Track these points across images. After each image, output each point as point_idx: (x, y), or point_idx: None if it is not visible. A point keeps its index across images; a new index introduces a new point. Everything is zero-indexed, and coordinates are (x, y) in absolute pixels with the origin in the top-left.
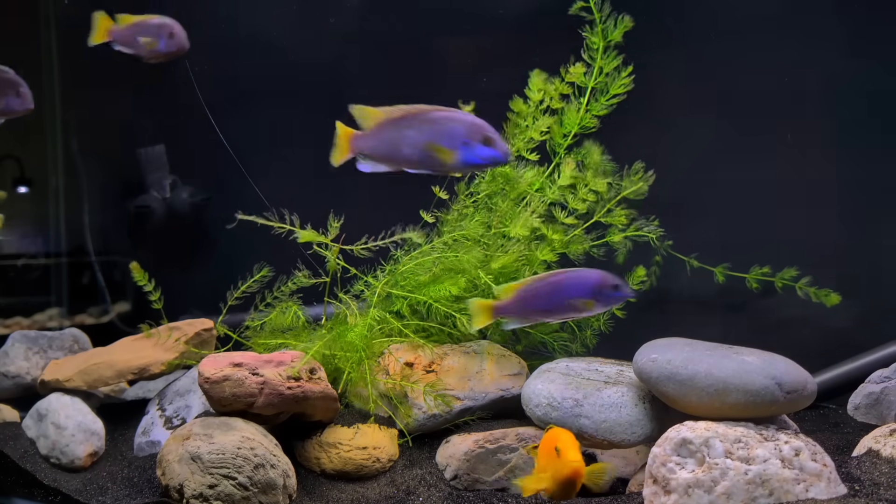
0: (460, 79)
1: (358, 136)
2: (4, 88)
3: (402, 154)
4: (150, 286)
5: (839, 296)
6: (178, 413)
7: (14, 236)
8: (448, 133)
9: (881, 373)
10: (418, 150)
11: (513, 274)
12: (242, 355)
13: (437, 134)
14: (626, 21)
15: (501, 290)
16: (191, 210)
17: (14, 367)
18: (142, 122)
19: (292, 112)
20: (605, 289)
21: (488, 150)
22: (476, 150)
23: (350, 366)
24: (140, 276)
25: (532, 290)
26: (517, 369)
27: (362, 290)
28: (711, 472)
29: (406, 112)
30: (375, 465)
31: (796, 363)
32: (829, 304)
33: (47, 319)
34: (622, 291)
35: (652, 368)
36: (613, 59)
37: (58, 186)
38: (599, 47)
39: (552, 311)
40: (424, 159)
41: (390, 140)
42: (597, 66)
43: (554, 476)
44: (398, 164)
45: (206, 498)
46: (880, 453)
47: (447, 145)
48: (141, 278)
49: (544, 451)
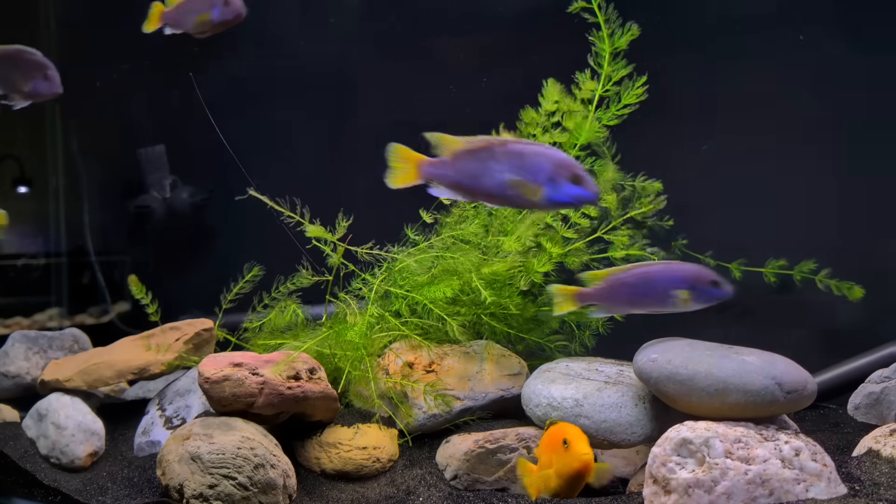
0: (461, 78)
1: (431, 163)
2: (32, 71)
3: (481, 186)
4: (147, 299)
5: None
6: (178, 413)
7: (14, 236)
8: (534, 168)
9: (881, 373)
10: (501, 183)
11: (508, 281)
12: (242, 355)
13: (521, 169)
14: (634, 30)
15: (589, 277)
16: (191, 210)
17: (14, 367)
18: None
19: (292, 112)
20: (702, 284)
21: (576, 188)
22: (563, 189)
23: (350, 364)
24: (138, 290)
25: (622, 278)
26: (517, 369)
27: (360, 287)
28: (711, 472)
29: (489, 143)
30: (375, 465)
31: (796, 363)
32: (853, 297)
33: (47, 319)
34: (721, 289)
35: (652, 368)
36: (623, 68)
37: (58, 186)
38: (606, 53)
39: (642, 301)
40: (506, 194)
41: (469, 171)
42: (604, 73)
43: (561, 470)
44: (476, 196)
45: (206, 498)
46: (880, 453)
47: (532, 181)
48: (138, 292)
49: (549, 445)
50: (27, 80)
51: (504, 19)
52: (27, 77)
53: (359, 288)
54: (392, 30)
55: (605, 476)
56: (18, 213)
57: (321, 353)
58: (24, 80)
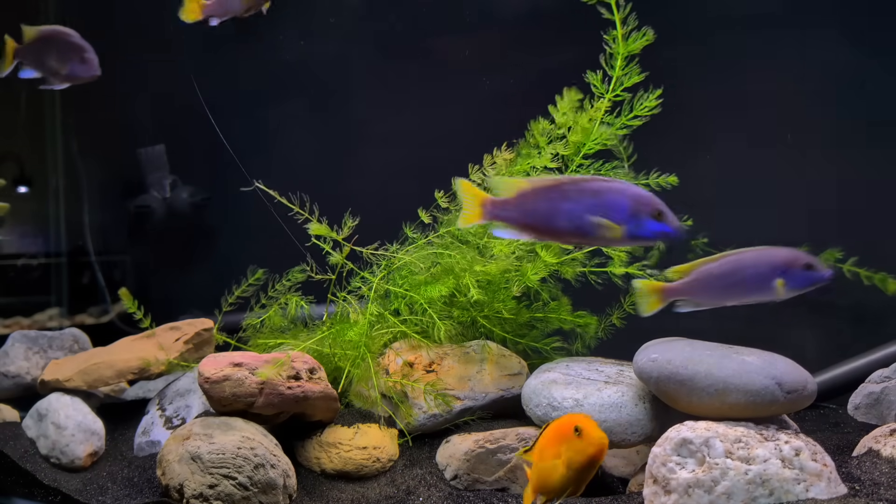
0: (461, 78)
1: (495, 202)
2: (68, 53)
3: (555, 226)
4: (140, 313)
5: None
6: (178, 413)
7: (14, 236)
8: (614, 206)
9: (881, 373)
10: (578, 223)
11: (503, 285)
12: (242, 355)
13: (600, 207)
14: (649, 35)
15: (674, 272)
16: (191, 210)
17: (14, 367)
18: (143, 122)
19: (292, 112)
20: (795, 268)
21: (659, 225)
22: (646, 226)
23: (351, 363)
24: (129, 303)
25: (711, 269)
26: (517, 369)
27: (359, 286)
28: (711, 472)
29: (558, 182)
30: (375, 464)
31: (796, 363)
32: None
33: (47, 319)
34: (818, 272)
35: (652, 368)
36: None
37: (58, 186)
38: (620, 56)
39: (733, 292)
40: (584, 233)
41: (540, 211)
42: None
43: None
44: (546, 236)
45: (206, 498)
46: (880, 453)
47: (613, 219)
48: (131, 305)
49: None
50: (64, 63)
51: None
52: (64, 59)
53: (358, 287)
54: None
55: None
56: (18, 213)
57: (321, 353)
58: (60, 63)
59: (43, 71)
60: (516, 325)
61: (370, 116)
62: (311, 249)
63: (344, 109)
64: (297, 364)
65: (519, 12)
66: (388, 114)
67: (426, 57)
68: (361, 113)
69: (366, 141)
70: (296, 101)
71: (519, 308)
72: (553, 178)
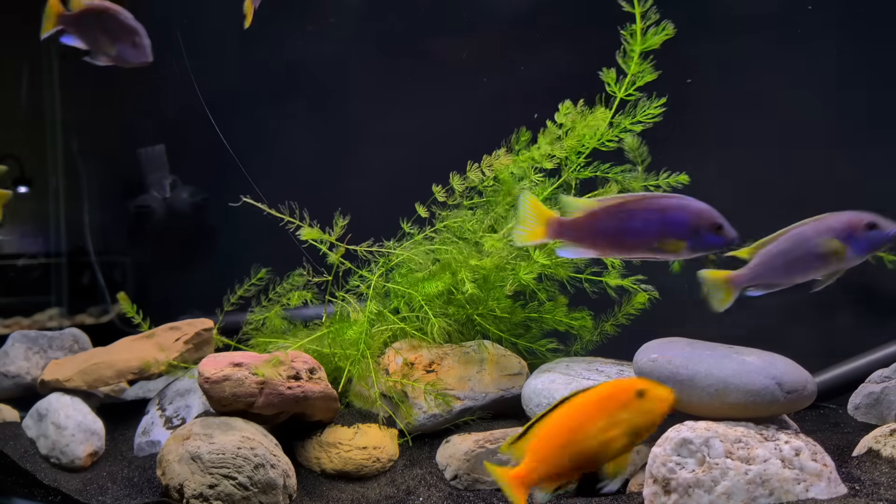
0: (461, 77)
1: (563, 223)
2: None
3: (621, 244)
4: (139, 318)
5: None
6: (178, 413)
7: (14, 236)
8: (676, 223)
9: (881, 373)
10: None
11: (499, 282)
12: (242, 355)
13: (663, 224)
14: (669, 29)
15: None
16: (191, 210)
17: (14, 367)
18: (142, 121)
19: (291, 112)
20: (858, 231)
21: (718, 237)
22: (706, 239)
23: (350, 363)
24: (128, 308)
25: (772, 249)
26: (517, 369)
27: (357, 284)
28: (712, 472)
29: (624, 200)
30: (375, 464)
31: (796, 363)
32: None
33: (47, 319)
34: (884, 230)
35: (652, 368)
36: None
37: (58, 186)
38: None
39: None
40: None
41: (607, 230)
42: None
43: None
44: (610, 252)
45: (206, 498)
46: (880, 453)
47: (676, 236)
48: (129, 309)
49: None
50: (113, 43)
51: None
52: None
53: (356, 285)
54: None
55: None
56: (18, 213)
57: (321, 353)
58: (109, 42)
59: (89, 44)
60: (511, 324)
61: (370, 116)
62: (311, 249)
63: (343, 109)
64: (297, 364)
65: (518, 12)
66: (387, 114)
67: (425, 56)
68: (361, 113)
69: (365, 141)
70: (295, 101)
71: (514, 307)
72: (619, 196)
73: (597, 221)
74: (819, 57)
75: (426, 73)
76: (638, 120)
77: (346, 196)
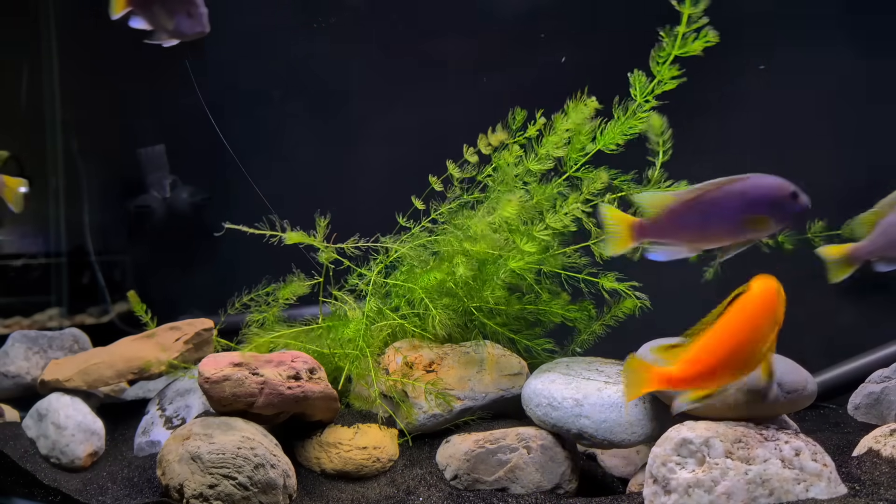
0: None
1: (644, 225)
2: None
3: (709, 234)
4: (147, 317)
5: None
6: (178, 413)
7: (14, 236)
8: (759, 202)
9: (881, 373)
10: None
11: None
12: (242, 355)
13: (749, 206)
14: (711, 36)
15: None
16: (191, 210)
17: (14, 367)
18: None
19: (291, 111)
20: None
21: (798, 205)
22: (787, 209)
23: (350, 362)
24: (137, 306)
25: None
26: (517, 369)
27: (356, 283)
28: (712, 472)
29: (703, 191)
30: (375, 464)
31: (796, 363)
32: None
33: (47, 319)
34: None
35: None
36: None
37: (58, 186)
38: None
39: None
40: (738, 233)
41: (693, 224)
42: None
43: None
44: (700, 245)
45: (206, 498)
46: (880, 453)
47: (764, 213)
48: (138, 308)
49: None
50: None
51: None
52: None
53: (355, 283)
54: None
55: None
56: (18, 212)
57: (321, 353)
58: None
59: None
60: (508, 317)
61: (369, 116)
62: (310, 249)
63: (343, 109)
64: (297, 364)
65: (519, 12)
66: (387, 113)
67: (425, 57)
68: (361, 112)
69: (365, 140)
70: (295, 101)
71: (510, 298)
72: (694, 188)
73: (677, 217)
74: None
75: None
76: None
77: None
